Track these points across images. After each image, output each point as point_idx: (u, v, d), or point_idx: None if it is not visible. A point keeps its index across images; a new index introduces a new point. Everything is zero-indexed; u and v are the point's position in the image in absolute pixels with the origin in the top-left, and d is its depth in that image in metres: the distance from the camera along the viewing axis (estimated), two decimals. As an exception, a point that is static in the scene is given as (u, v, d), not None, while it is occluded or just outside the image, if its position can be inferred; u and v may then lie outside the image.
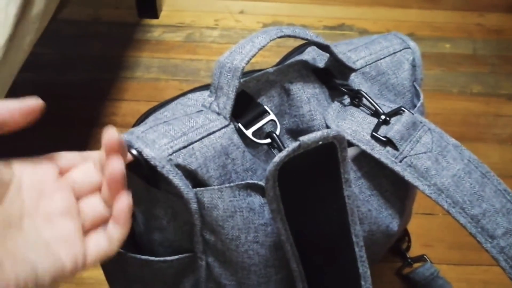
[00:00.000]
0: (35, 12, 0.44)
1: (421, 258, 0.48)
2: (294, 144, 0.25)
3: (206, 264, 0.30)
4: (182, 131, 0.27)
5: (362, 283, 0.31)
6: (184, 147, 0.27)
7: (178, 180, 0.26)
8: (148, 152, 0.25)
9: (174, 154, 0.26)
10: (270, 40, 0.31)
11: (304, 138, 0.25)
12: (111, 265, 0.31)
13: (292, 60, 0.37)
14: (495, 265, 0.50)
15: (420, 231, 0.53)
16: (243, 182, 0.28)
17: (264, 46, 0.30)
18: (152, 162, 0.25)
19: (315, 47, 0.37)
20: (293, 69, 0.35)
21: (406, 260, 0.48)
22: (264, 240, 0.30)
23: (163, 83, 0.77)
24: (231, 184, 0.28)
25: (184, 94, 0.33)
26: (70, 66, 0.80)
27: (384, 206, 0.35)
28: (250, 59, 0.30)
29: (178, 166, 0.26)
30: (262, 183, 0.29)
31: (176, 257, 0.29)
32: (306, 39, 0.33)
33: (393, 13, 0.96)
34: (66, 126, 0.67)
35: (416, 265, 0.49)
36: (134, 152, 0.26)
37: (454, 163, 0.32)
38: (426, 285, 0.46)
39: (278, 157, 0.25)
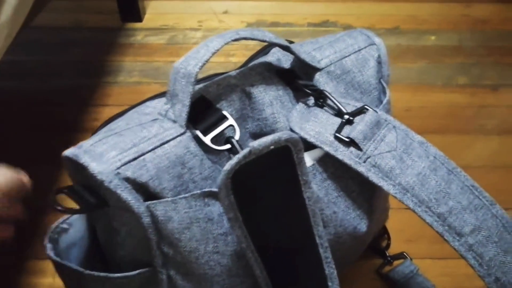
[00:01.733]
0: (3, 19, 0.44)
1: (400, 256, 0.48)
2: (245, 151, 0.25)
3: (167, 277, 0.30)
4: (133, 142, 0.27)
5: (329, 284, 0.31)
6: (134, 159, 0.26)
7: (127, 195, 0.26)
8: (94, 167, 0.25)
9: (122, 167, 0.26)
10: (225, 44, 0.30)
11: (255, 144, 0.25)
12: (72, 284, 0.31)
13: (255, 62, 0.36)
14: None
15: (402, 227, 0.52)
16: (198, 192, 0.28)
17: (218, 50, 0.30)
18: (98, 177, 0.25)
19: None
20: (255, 72, 0.35)
21: (386, 258, 0.48)
22: (225, 249, 0.29)
23: (145, 86, 0.76)
24: (186, 194, 0.27)
25: (143, 101, 0.33)
26: (54, 73, 0.80)
27: (351, 207, 0.35)
28: (204, 63, 0.29)
29: (127, 179, 0.26)
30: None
31: (136, 272, 0.29)
32: (264, 41, 0.32)
33: (377, 7, 0.95)
34: (49, 132, 0.67)
35: (396, 262, 0.48)
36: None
37: (419, 161, 0.32)
38: (405, 283, 0.46)
39: (229, 165, 0.25)
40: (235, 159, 0.25)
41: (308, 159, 0.34)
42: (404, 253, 0.48)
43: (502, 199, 0.58)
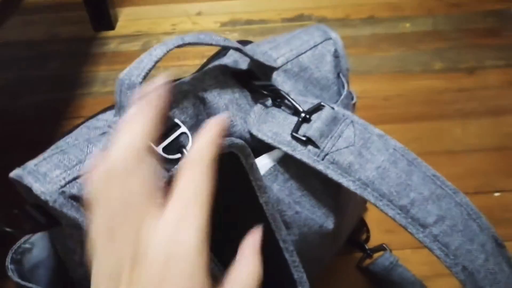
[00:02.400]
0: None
1: (380, 248, 0.47)
2: (182, 161, 0.24)
3: None
4: (78, 159, 0.26)
5: (299, 288, 0.31)
6: (80, 175, 0.26)
7: (74, 213, 0.25)
8: (37, 188, 0.24)
9: (67, 186, 0.25)
10: (168, 51, 0.30)
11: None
12: None
13: (210, 65, 0.36)
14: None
15: (382, 217, 0.52)
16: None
17: (161, 58, 0.29)
18: (42, 198, 0.24)
19: None
20: (209, 76, 0.34)
21: (365, 251, 0.48)
22: None
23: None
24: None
25: (95, 114, 0.32)
26: (27, 88, 0.79)
27: (317, 206, 0.34)
28: (147, 73, 0.29)
29: (73, 197, 0.25)
30: None
31: None
32: (212, 45, 0.32)
33: (351, -3, 0.95)
34: (24, 150, 0.67)
35: (376, 254, 0.48)
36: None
37: (378, 154, 0.32)
38: (386, 275, 0.45)
39: (168, 176, 0.24)
40: (173, 170, 0.24)
41: (269, 160, 0.33)
42: (384, 245, 0.48)
43: (483, 182, 0.58)
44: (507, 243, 0.51)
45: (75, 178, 0.26)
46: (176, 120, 0.31)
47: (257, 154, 0.33)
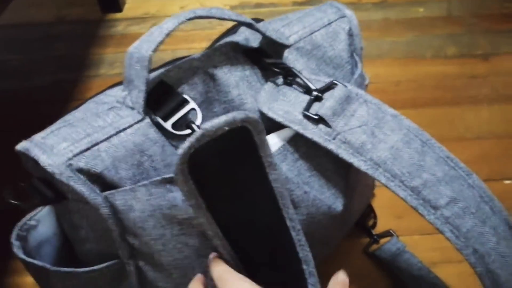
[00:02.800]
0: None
1: (387, 233, 0.47)
2: (197, 133, 0.24)
3: (137, 269, 0.29)
4: (86, 132, 0.26)
5: (304, 267, 0.30)
6: (87, 149, 0.25)
7: (81, 186, 0.25)
8: (44, 160, 0.24)
9: (75, 158, 0.25)
10: (179, 24, 0.29)
11: (207, 125, 0.24)
12: (43, 282, 0.31)
13: (221, 42, 0.35)
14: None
15: (389, 204, 0.51)
16: (158, 178, 0.27)
17: (172, 31, 0.29)
18: (49, 170, 0.24)
19: None
20: (219, 52, 0.33)
21: (372, 237, 0.47)
22: (191, 230, 0.29)
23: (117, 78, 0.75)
24: (145, 182, 0.26)
25: (103, 90, 0.32)
26: (36, 70, 0.79)
27: (326, 186, 0.34)
28: (158, 46, 0.28)
29: (80, 170, 0.25)
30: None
31: (103, 265, 0.28)
32: (224, 19, 0.31)
33: (363, -20, 0.92)
34: (32, 131, 0.67)
35: (383, 240, 0.47)
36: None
37: (391, 134, 0.31)
38: (392, 261, 0.45)
39: (181, 149, 0.24)
40: (187, 142, 0.24)
41: (278, 139, 0.33)
42: (391, 231, 0.47)
43: (494, 169, 0.57)
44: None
45: (82, 151, 0.25)
46: (185, 96, 0.30)
47: (267, 133, 0.33)
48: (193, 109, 0.30)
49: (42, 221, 0.32)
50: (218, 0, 0.91)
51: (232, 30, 0.38)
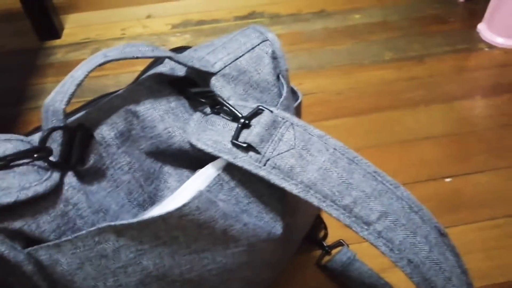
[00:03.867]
0: None
1: (338, 244, 0.48)
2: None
3: None
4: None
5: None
6: (5, 209, 0.24)
7: None
8: None
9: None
10: (90, 71, 0.28)
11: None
12: None
13: (145, 75, 0.35)
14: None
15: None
16: (83, 232, 0.26)
17: (83, 80, 0.28)
18: None
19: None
20: (143, 87, 0.33)
21: (324, 248, 0.48)
22: (128, 281, 0.28)
23: (70, 107, 0.73)
24: (70, 237, 0.26)
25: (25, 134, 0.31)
26: (-29, 106, 0.75)
27: (264, 211, 0.34)
28: (70, 98, 0.28)
29: None
30: (113, 223, 0.27)
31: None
32: (138, 57, 0.30)
33: (301, -8, 0.95)
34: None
35: (335, 251, 0.48)
36: None
37: (319, 155, 0.31)
38: (344, 270, 0.46)
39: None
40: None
41: (213, 170, 0.33)
42: (341, 241, 0.48)
43: (434, 169, 0.59)
44: (459, 228, 0.53)
45: None
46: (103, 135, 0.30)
47: (202, 164, 0.33)
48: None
49: None
50: (160, 20, 0.91)
51: (158, 61, 0.37)
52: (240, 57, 0.36)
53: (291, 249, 0.42)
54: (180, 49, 0.39)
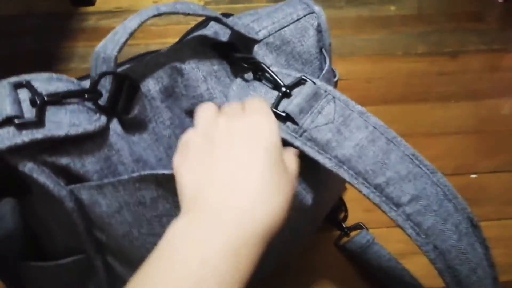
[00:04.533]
0: None
1: (357, 226, 0.48)
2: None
3: (105, 264, 0.29)
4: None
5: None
6: (54, 143, 0.25)
7: (45, 179, 0.24)
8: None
9: (39, 151, 0.24)
10: (142, 22, 0.28)
11: None
12: (9, 278, 0.30)
13: (189, 37, 0.35)
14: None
15: (360, 196, 0.52)
16: (125, 177, 0.26)
17: (136, 30, 0.28)
18: (11, 162, 0.24)
19: None
20: (187, 47, 0.33)
21: (343, 230, 0.48)
22: (160, 231, 0.28)
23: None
24: (112, 180, 0.26)
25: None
26: (3, 65, 0.76)
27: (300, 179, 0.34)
28: (122, 46, 0.28)
29: (44, 163, 0.25)
30: (155, 172, 0.27)
31: (70, 259, 0.28)
32: (189, 14, 0.31)
33: (337, -23, 0.93)
34: None
35: (353, 233, 0.48)
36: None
37: (357, 132, 0.31)
38: (362, 253, 0.46)
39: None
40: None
41: None
42: (361, 224, 0.48)
43: (460, 163, 0.59)
44: (482, 223, 0.52)
45: (48, 146, 0.25)
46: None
47: None
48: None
49: (2, 217, 0.31)
50: (193, -5, 0.90)
51: (202, 24, 0.37)
52: (285, 27, 0.36)
53: (314, 224, 0.42)
54: (223, 15, 0.39)
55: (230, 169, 0.24)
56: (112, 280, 0.30)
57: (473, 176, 0.57)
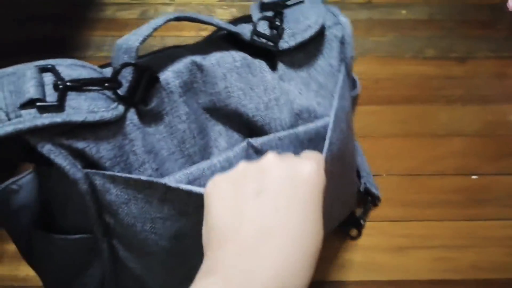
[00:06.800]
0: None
1: (356, 221, 0.50)
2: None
3: (110, 246, 0.30)
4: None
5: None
6: (72, 127, 0.26)
7: (61, 160, 0.26)
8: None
9: (58, 133, 0.26)
10: (167, 21, 0.30)
11: None
12: (21, 244, 0.32)
13: (215, 34, 0.36)
14: (434, 220, 0.52)
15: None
16: (136, 177, 0.27)
17: (160, 26, 0.30)
18: (31, 142, 0.25)
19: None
20: (211, 43, 0.34)
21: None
22: (163, 232, 0.30)
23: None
24: (125, 175, 0.27)
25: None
26: (21, 50, 0.78)
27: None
28: (145, 38, 0.29)
29: (61, 145, 0.26)
30: (165, 181, 0.28)
31: (77, 236, 0.30)
32: (212, 24, 0.32)
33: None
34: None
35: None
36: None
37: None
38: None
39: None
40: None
41: None
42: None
43: (462, 165, 0.60)
44: (484, 222, 0.54)
45: (67, 129, 0.26)
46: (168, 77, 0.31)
47: (252, 132, 0.34)
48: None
49: (24, 187, 0.32)
50: (208, -10, 0.92)
51: (232, 23, 0.39)
52: (308, 38, 0.36)
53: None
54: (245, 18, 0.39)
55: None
56: (114, 263, 0.32)
57: (473, 177, 0.59)
